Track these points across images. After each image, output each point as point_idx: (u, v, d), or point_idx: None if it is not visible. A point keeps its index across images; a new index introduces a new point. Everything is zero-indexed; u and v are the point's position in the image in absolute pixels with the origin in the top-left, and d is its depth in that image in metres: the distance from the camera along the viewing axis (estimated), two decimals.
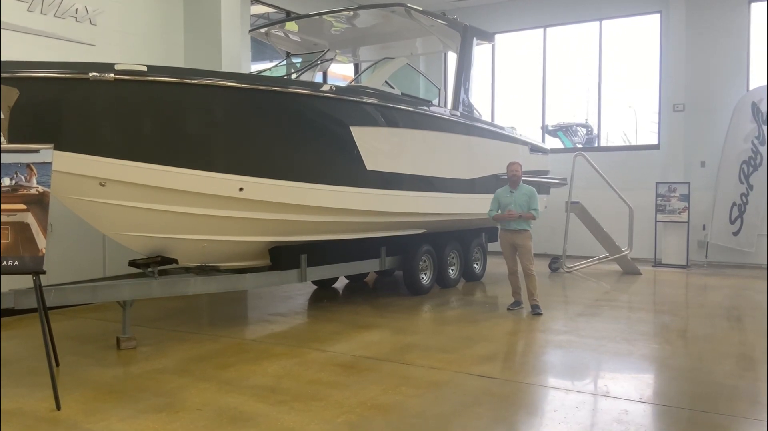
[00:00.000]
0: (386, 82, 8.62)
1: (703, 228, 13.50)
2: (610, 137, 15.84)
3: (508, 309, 8.68)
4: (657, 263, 13.55)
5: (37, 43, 8.43)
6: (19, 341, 6.94)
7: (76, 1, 8.94)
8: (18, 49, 8.07)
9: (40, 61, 5.87)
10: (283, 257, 7.76)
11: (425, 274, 9.87)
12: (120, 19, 9.52)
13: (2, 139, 5.69)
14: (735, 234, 13.23)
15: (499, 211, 8.58)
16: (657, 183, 13.58)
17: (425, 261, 9.86)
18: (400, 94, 8.61)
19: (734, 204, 13.22)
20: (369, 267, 9.40)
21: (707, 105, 13.74)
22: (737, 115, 13.12)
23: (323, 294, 10.14)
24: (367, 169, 7.86)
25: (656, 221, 13.54)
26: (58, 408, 4.74)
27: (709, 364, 6.11)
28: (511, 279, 8.84)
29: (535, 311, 8.37)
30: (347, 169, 7.73)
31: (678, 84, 13.84)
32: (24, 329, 7.38)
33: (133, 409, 4.78)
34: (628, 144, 15.75)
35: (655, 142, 14.63)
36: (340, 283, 11.00)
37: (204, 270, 7.44)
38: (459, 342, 6.89)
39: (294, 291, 10.26)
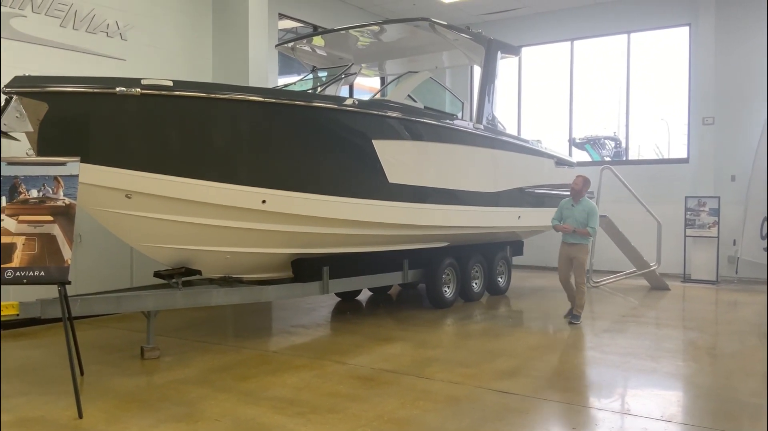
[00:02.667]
0: (409, 95, 8.66)
1: (734, 244, 13.25)
2: (642, 150, 15.67)
3: (565, 317, 8.91)
4: (686, 278, 13.33)
5: (68, 58, 8.64)
6: (45, 350, 7.07)
7: (108, 16, 9.15)
8: (50, 64, 8.29)
9: (69, 76, 6.01)
10: (305, 269, 7.81)
11: (448, 287, 9.85)
12: (150, 34, 9.72)
13: (32, 152, 5.83)
14: (766, 249, 12.96)
15: (561, 222, 8.90)
16: (686, 197, 13.38)
17: (448, 275, 9.84)
18: (423, 107, 8.63)
19: (765, 219, 12.95)
20: (392, 279, 9.41)
21: (737, 118, 13.52)
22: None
23: (346, 307, 10.17)
24: (390, 182, 7.89)
25: (685, 236, 13.33)
26: (80, 416, 4.82)
27: (735, 382, 5.99)
28: (565, 287, 9.05)
29: (573, 320, 8.66)
30: (369, 182, 7.77)
31: (707, 97, 13.65)
32: (50, 338, 7.52)
33: (154, 418, 4.85)
34: (660, 157, 15.56)
35: (684, 155, 14.44)
36: (364, 295, 11.02)
37: (227, 282, 7.54)
38: (480, 356, 6.86)
39: (318, 303, 10.30)
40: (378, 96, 10.64)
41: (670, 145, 15.75)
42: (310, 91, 9.48)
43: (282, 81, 12.31)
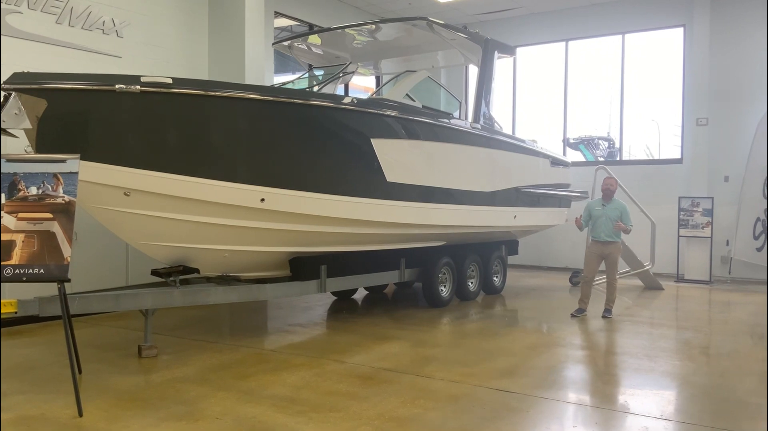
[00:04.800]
0: (407, 94, 8.67)
1: (727, 244, 13.34)
2: (633, 151, 15.74)
3: (572, 315, 9.11)
4: (679, 278, 13.41)
5: (64, 55, 8.60)
6: (43, 348, 7.03)
7: (104, 13, 9.11)
8: (46, 61, 8.24)
9: (68, 73, 5.97)
10: (303, 268, 7.80)
11: (444, 286, 9.86)
12: (146, 31, 9.68)
13: (30, 149, 5.80)
14: (759, 250, 13.05)
15: (590, 223, 9.32)
16: (680, 197, 13.45)
17: (445, 274, 9.85)
18: (420, 106, 8.64)
19: (758, 219, 13.05)
20: (388, 278, 9.41)
21: (731, 119, 13.60)
22: (761, 129, 12.95)
23: (343, 305, 10.17)
24: (388, 180, 7.89)
25: (679, 236, 13.40)
26: (80, 414, 4.80)
27: (731, 381, 6.03)
28: (584, 288, 9.29)
29: (606, 314, 9.07)
30: (368, 180, 7.77)
31: (701, 97, 13.72)
32: (48, 336, 7.49)
33: (154, 417, 4.83)
34: (650, 158, 15.64)
35: (678, 155, 14.51)
36: (360, 294, 11.02)
37: (225, 280, 7.51)
38: (478, 355, 6.87)
39: (314, 301, 10.29)
40: (375, 95, 10.62)
41: (660, 145, 15.84)
42: (308, 90, 9.47)
43: (278, 79, 12.28)
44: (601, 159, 15.95)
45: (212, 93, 6.37)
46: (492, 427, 4.73)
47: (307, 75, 11.09)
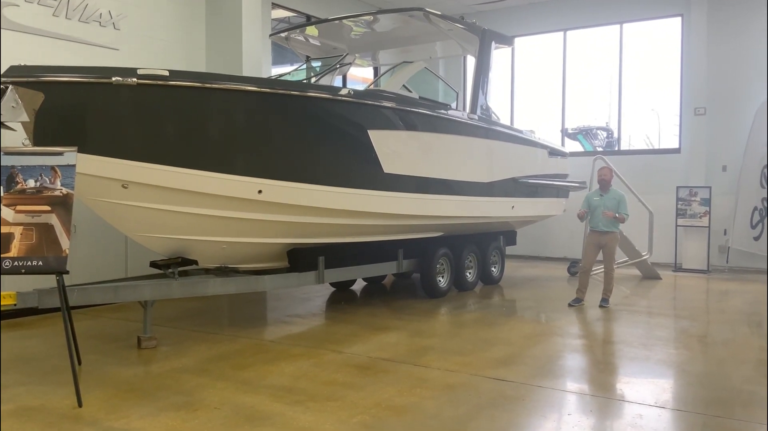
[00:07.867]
0: (404, 85, 8.67)
1: (724, 233, 13.36)
2: (633, 141, 15.75)
3: (569, 305, 9.16)
4: (677, 268, 13.44)
5: (61, 48, 8.60)
6: (43, 340, 7.08)
7: (101, 6, 9.10)
8: (43, 54, 8.24)
9: (65, 65, 5.98)
10: (301, 259, 7.84)
11: (442, 277, 9.90)
12: (143, 23, 9.67)
13: (28, 142, 5.82)
14: (756, 239, 13.09)
15: (588, 213, 9.34)
16: (678, 187, 13.46)
17: (442, 264, 9.88)
18: (417, 97, 8.65)
19: (755, 208, 13.07)
20: (386, 269, 9.45)
21: (729, 108, 13.60)
22: (759, 118, 12.97)
23: (341, 296, 10.21)
24: (385, 172, 7.91)
25: (677, 225, 13.43)
26: (80, 405, 4.84)
27: (727, 369, 6.07)
28: (581, 278, 9.33)
29: (603, 304, 9.11)
30: (365, 172, 7.79)
31: (699, 87, 13.73)
32: (47, 328, 7.53)
33: (153, 407, 4.87)
34: (650, 147, 15.64)
35: (676, 145, 14.52)
36: (358, 285, 11.06)
37: (223, 272, 7.55)
38: (475, 344, 6.91)
39: (312, 292, 10.33)
40: (372, 86, 10.63)
41: (660, 135, 15.84)
42: (305, 81, 9.47)
43: (275, 71, 12.27)
44: (600, 149, 15.95)
45: (209, 85, 6.39)
46: (487, 415, 4.78)
47: (304, 66, 11.08)
